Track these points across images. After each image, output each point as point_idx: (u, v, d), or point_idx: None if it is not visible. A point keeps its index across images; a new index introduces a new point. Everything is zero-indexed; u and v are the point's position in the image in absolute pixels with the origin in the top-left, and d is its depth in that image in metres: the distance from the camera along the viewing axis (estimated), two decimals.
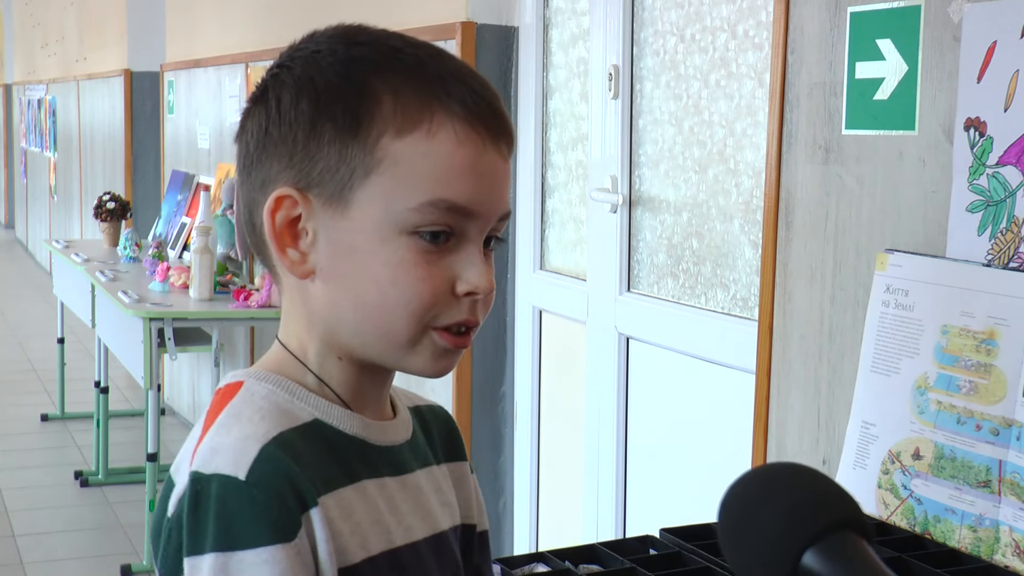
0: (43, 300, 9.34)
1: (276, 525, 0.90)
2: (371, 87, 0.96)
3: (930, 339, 1.78)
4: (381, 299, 0.96)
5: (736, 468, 2.37)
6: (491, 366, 3.45)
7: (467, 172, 0.97)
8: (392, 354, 0.99)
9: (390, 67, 0.97)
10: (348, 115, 0.96)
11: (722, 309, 2.56)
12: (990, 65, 1.73)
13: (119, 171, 7.49)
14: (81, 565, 4.39)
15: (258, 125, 1.00)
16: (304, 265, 0.99)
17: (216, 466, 0.92)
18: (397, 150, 0.95)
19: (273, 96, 0.99)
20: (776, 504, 0.80)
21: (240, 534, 0.90)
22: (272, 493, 0.91)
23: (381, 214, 0.95)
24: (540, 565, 1.63)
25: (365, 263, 0.96)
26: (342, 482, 0.97)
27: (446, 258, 0.97)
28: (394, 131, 0.95)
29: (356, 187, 0.96)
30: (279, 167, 0.98)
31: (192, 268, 4.28)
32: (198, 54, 6.00)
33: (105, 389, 5.28)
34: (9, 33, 15.27)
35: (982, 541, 1.67)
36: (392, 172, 0.95)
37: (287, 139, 0.97)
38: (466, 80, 0.98)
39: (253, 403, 0.98)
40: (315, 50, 0.99)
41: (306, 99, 0.97)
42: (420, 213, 0.95)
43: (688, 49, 2.67)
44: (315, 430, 0.98)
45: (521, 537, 3.44)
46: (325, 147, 0.96)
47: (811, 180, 2.09)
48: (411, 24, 3.49)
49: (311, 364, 1.01)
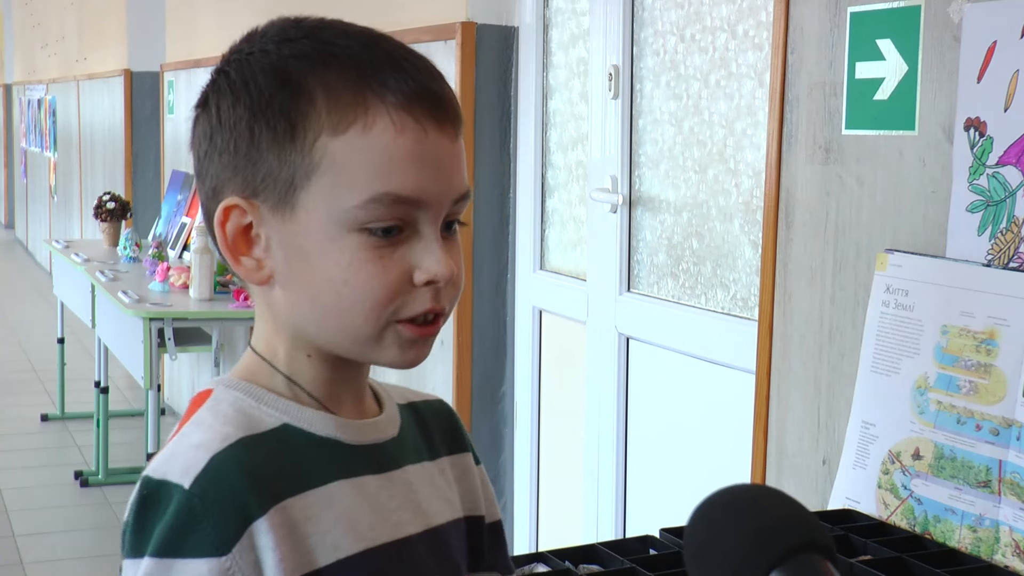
0: (43, 300, 9.34)
1: (210, 538, 0.90)
2: (303, 87, 0.94)
3: (930, 339, 1.78)
4: (337, 300, 0.96)
5: (736, 468, 2.38)
6: (491, 366, 3.45)
7: (409, 161, 0.94)
8: (359, 350, 0.99)
9: (323, 62, 0.95)
10: (283, 119, 0.94)
11: (722, 309, 2.56)
12: (990, 65, 1.73)
13: (119, 171, 7.49)
14: (81, 565, 4.39)
15: (203, 132, 1.00)
16: (261, 272, 0.98)
17: (165, 472, 0.93)
18: (335, 149, 0.93)
19: (213, 103, 0.99)
20: (739, 528, 0.82)
21: (177, 542, 0.90)
22: (212, 505, 0.91)
23: (326, 214, 0.94)
24: (540, 565, 1.63)
25: (317, 265, 0.96)
26: (307, 486, 0.96)
27: (400, 249, 0.95)
28: (330, 130, 0.93)
29: (299, 190, 0.94)
30: (226, 175, 0.98)
31: (192, 268, 4.28)
32: (198, 54, 6.00)
33: (105, 389, 5.28)
34: (9, 33, 15.27)
35: (982, 541, 1.67)
36: (332, 172, 0.94)
37: (229, 146, 0.97)
38: (401, 66, 0.95)
39: (218, 410, 0.98)
40: (250, 52, 0.99)
41: (242, 105, 0.96)
42: (365, 210, 0.94)
43: (688, 49, 2.67)
44: (281, 435, 0.98)
45: (521, 537, 3.44)
46: (264, 153, 0.95)
47: (811, 180, 2.09)
48: (411, 24, 3.49)
49: (281, 365, 1.01)
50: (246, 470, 0.93)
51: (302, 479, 0.96)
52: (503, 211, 3.42)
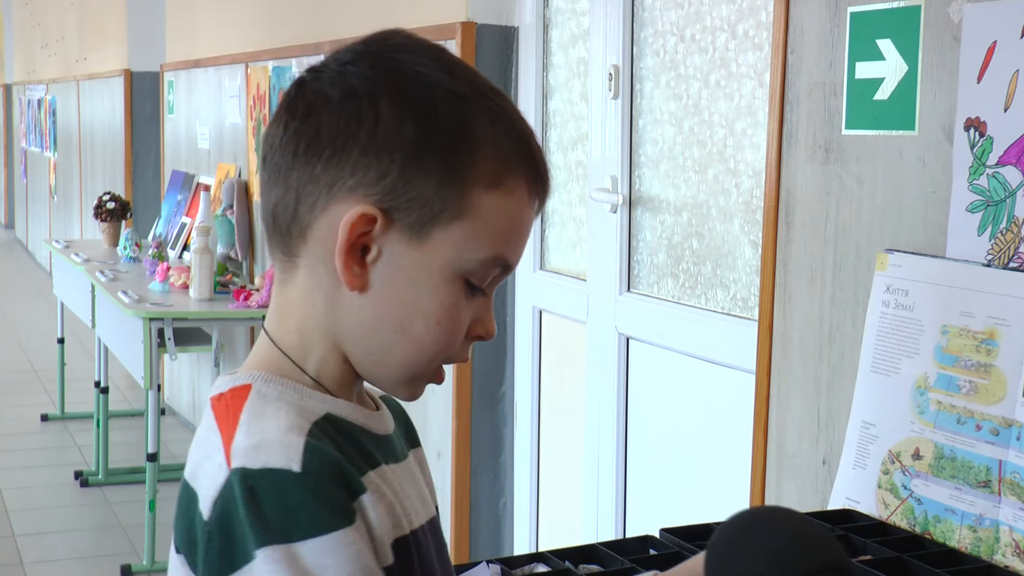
0: (43, 300, 9.34)
1: (338, 510, 0.92)
2: (474, 131, 0.98)
3: (930, 339, 1.78)
4: (423, 333, 1.00)
5: (736, 468, 2.38)
6: (491, 366, 3.45)
7: (523, 234, 1.02)
8: (399, 379, 1.03)
9: (485, 115, 0.99)
10: (454, 156, 0.97)
11: (722, 309, 2.56)
12: (990, 65, 1.73)
13: (119, 171, 7.49)
14: (81, 565, 4.39)
15: (346, 125, 0.96)
16: (362, 278, 0.99)
17: (265, 461, 0.92)
18: (484, 202, 0.98)
19: (369, 101, 0.96)
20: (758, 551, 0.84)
21: (305, 524, 0.90)
22: (329, 481, 0.92)
23: (453, 257, 0.98)
24: (540, 565, 1.63)
25: (420, 296, 0.99)
26: (369, 468, 0.99)
27: (472, 302, 1.02)
28: (487, 182, 0.98)
29: (440, 225, 0.97)
30: (362, 178, 0.96)
31: (192, 268, 4.28)
32: (198, 54, 6.00)
33: (105, 389, 5.28)
34: (9, 33, 15.27)
35: (982, 541, 1.67)
36: (475, 221, 0.98)
37: (383, 155, 0.96)
38: (533, 143, 1.02)
39: (270, 402, 0.98)
40: (415, 65, 0.98)
41: (412, 122, 0.96)
42: (483, 266, 1.00)
43: (688, 49, 2.67)
44: (330, 422, 0.99)
45: (521, 537, 3.44)
46: (423, 177, 0.96)
47: (811, 180, 2.09)
48: (411, 24, 3.48)
49: (310, 363, 1.02)
50: (337, 447, 0.96)
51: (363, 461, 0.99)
52: None
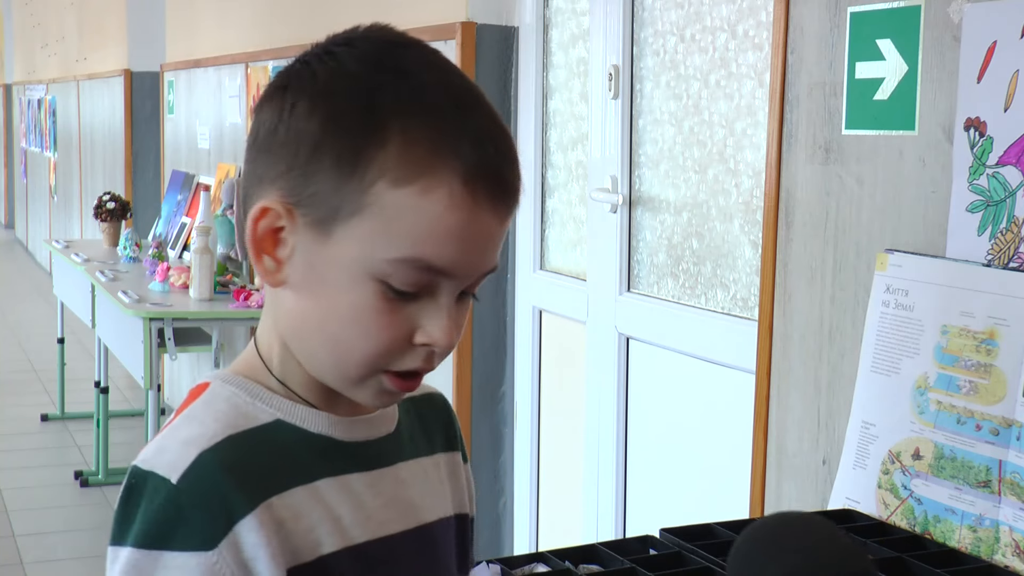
0: (43, 300, 9.34)
1: (196, 533, 0.91)
2: (383, 128, 0.92)
3: (930, 339, 1.78)
4: (339, 334, 0.96)
5: (736, 468, 2.38)
6: (491, 366, 3.45)
7: (453, 237, 0.93)
8: (338, 383, 0.99)
9: (410, 109, 0.93)
10: (351, 151, 0.93)
11: (722, 309, 2.56)
12: (990, 65, 1.73)
13: (119, 171, 7.49)
14: (81, 565, 4.39)
15: (271, 118, 0.97)
16: (278, 274, 0.98)
17: (154, 464, 0.94)
18: (389, 199, 0.92)
19: (291, 95, 0.96)
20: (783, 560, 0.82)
21: (163, 535, 0.91)
22: (197, 501, 0.92)
23: (358, 255, 0.94)
24: (540, 565, 1.63)
25: (332, 296, 0.96)
26: (294, 483, 0.97)
27: (411, 307, 0.95)
28: (391, 179, 0.92)
29: (341, 222, 0.93)
30: (276, 171, 0.96)
31: (192, 268, 4.28)
32: (198, 54, 6.00)
33: (105, 389, 5.28)
34: (9, 33, 15.27)
35: (982, 541, 1.67)
36: (378, 219, 0.92)
37: (290, 148, 0.95)
38: (483, 141, 0.94)
39: (212, 405, 0.99)
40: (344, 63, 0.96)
41: (319, 117, 0.94)
42: (394, 268, 0.93)
43: (688, 49, 2.67)
44: (273, 431, 0.99)
45: (521, 537, 3.44)
46: (322, 173, 0.93)
47: (811, 180, 2.09)
48: (411, 24, 3.49)
49: (275, 366, 1.02)
50: (232, 469, 0.94)
51: (289, 476, 0.97)
52: None
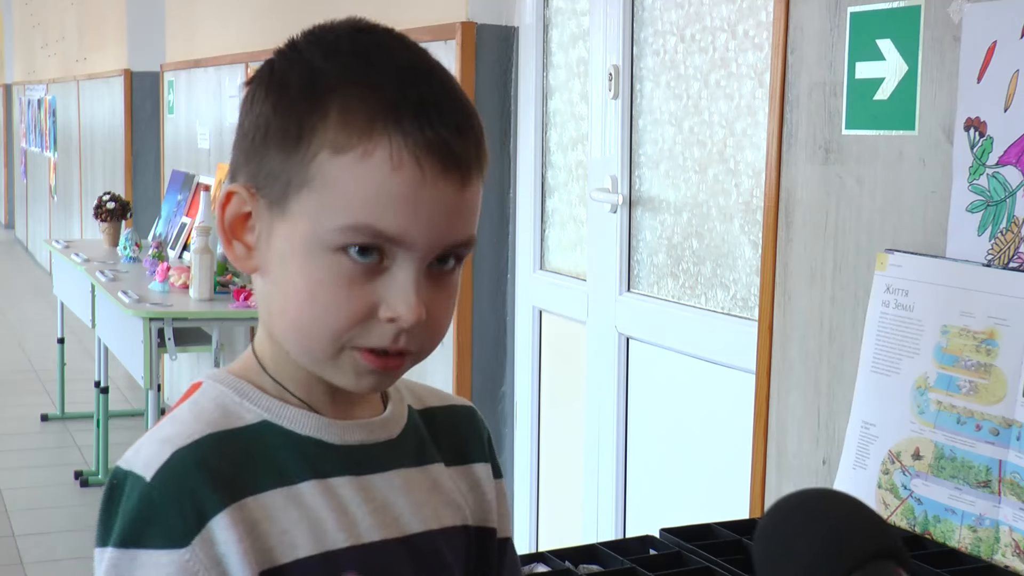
0: (43, 300, 9.34)
1: (168, 529, 0.92)
2: (323, 101, 0.94)
3: (930, 339, 1.78)
4: (300, 311, 0.96)
5: (736, 468, 2.38)
6: (491, 366, 3.45)
7: (400, 201, 0.93)
8: (315, 366, 0.99)
9: (352, 81, 0.95)
10: (294, 125, 0.95)
11: (722, 309, 2.56)
12: (990, 65, 1.73)
13: (119, 171, 7.49)
14: (81, 565, 4.38)
15: (240, 113, 1.01)
16: (249, 260, 1.00)
17: (132, 463, 0.96)
18: (330, 168, 0.94)
19: (253, 88, 1.00)
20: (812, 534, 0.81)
21: (137, 534, 0.93)
22: (169, 498, 0.93)
23: (309, 229, 0.95)
24: (540, 565, 1.63)
25: (292, 273, 0.96)
26: (273, 485, 0.97)
27: (374, 280, 0.95)
28: (332, 149, 0.93)
29: (291, 198, 0.95)
30: (241, 160, 1.00)
31: (192, 268, 4.28)
32: (198, 54, 6.00)
33: (105, 389, 5.28)
34: (9, 33, 15.27)
35: (982, 541, 1.67)
36: (323, 190, 0.94)
37: (249, 135, 0.99)
38: (426, 110, 0.94)
39: (198, 405, 1.00)
40: (303, 48, 0.99)
41: (270, 101, 0.97)
42: (343, 235, 0.93)
43: (688, 49, 2.67)
44: (258, 432, 0.99)
45: (521, 537, 3.44)
46: (271, 152, 0.96)
47: (811, 180, 2.09)
48: (411, 24, 3.49)
49: (268, 364, 1.02)
50: (207, 467, 0.95)
51: (268, 478, 0.97)
52: (503, 211, 3.42)
